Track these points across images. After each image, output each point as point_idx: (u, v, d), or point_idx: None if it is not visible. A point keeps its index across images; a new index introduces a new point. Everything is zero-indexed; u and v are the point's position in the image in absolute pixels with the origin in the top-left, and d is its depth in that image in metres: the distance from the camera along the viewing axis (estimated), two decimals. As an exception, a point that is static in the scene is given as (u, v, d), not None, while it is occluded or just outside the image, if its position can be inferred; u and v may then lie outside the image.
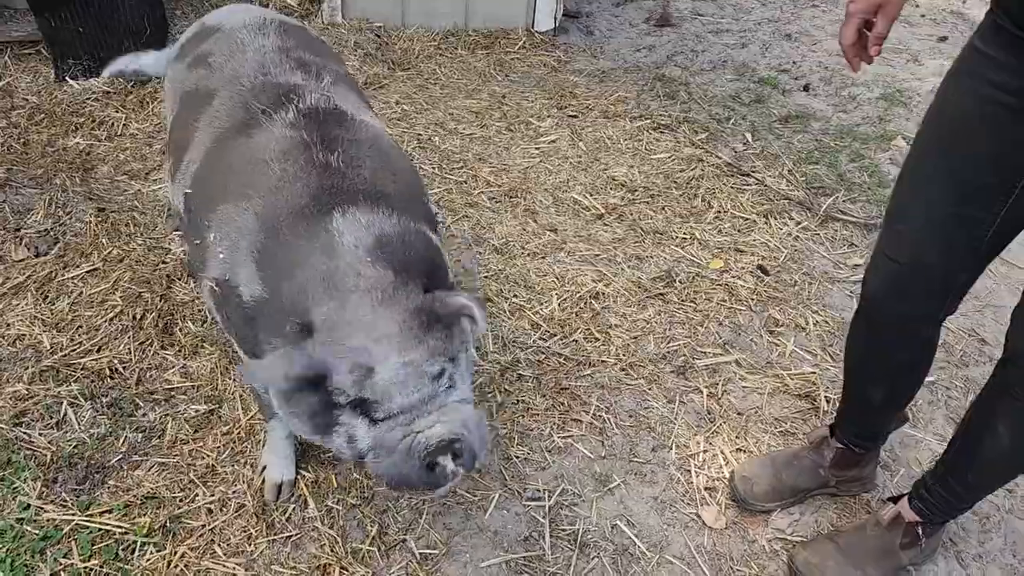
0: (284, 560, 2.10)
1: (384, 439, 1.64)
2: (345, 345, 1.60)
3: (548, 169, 3.60)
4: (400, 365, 1.61)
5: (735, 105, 4.22)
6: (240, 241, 1.79)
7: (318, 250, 1.68)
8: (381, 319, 1.62)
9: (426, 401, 1.65)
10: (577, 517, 2.29)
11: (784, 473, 2.34)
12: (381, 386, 1.61)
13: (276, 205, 1.78)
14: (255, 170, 1.86)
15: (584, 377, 2.69)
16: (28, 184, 3.18)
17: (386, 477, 1.65)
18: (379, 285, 1.65)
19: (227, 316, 1.88)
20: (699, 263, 3.20)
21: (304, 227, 1.72)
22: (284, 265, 1.71)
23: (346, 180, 1.82)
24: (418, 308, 1.66)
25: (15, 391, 2.42)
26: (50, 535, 2.08)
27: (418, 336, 1.64)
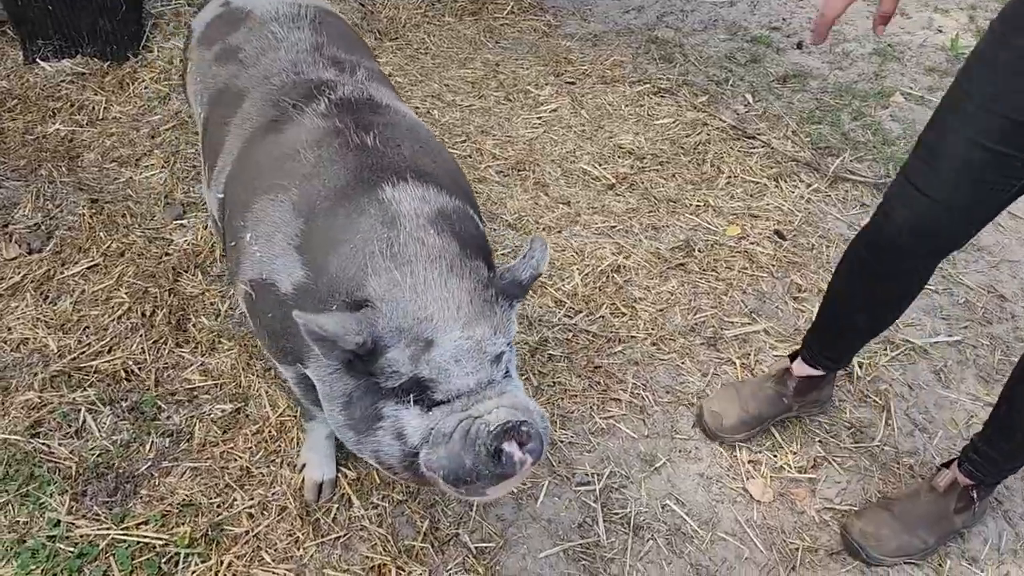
0: (336, 563, 2.01)
1: (440, 426, 1.47)
2: (405, 315, 1.46)
3: (553, 139, 3.50)
4: (463, 340, 1.47)
5: (731, 66, 4.15)
6: (275, 234, 1.67)
7: (373, 219, 1.56)
8: (447, 288, 1.49)
9: (485, 385, 1.51)
10: (627, 499, 2.24)
11: (750, 404, 2.39)
12: (440, 362, 1.46)
13: (312, 191, 1.66)
14: (286, 162, 1.75)
15: (616, 354, 2.63)
16: (11, 176, 2.98)
17: (443, 471, 1.45)
18: (445, 255, 1.53)
19: (261, 322, 1.76)
20: (716, 230, 3.14)
21: (349, 204, 1.61)
22: (330, 242, 1.58)
23: (386, 159, 1.71)
24: (486, 282, 1.54)
25: (26, 400, 2.28)
26: (85, 552, 1.96)
27: (482, 311, 1.51)
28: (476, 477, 1.44)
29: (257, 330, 1.84)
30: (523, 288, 1.59)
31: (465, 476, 1.45)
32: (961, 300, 2.94)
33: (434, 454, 1.47)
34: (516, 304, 1.60)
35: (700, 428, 2.44)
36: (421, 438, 1.49)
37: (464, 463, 1.43)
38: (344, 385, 1.58)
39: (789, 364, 2.41)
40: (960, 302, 2.92)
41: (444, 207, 1.64)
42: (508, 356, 1.56)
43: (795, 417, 2.48)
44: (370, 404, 1.53)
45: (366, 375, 1.51)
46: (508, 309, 1.57)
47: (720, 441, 2.40)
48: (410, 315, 1.46)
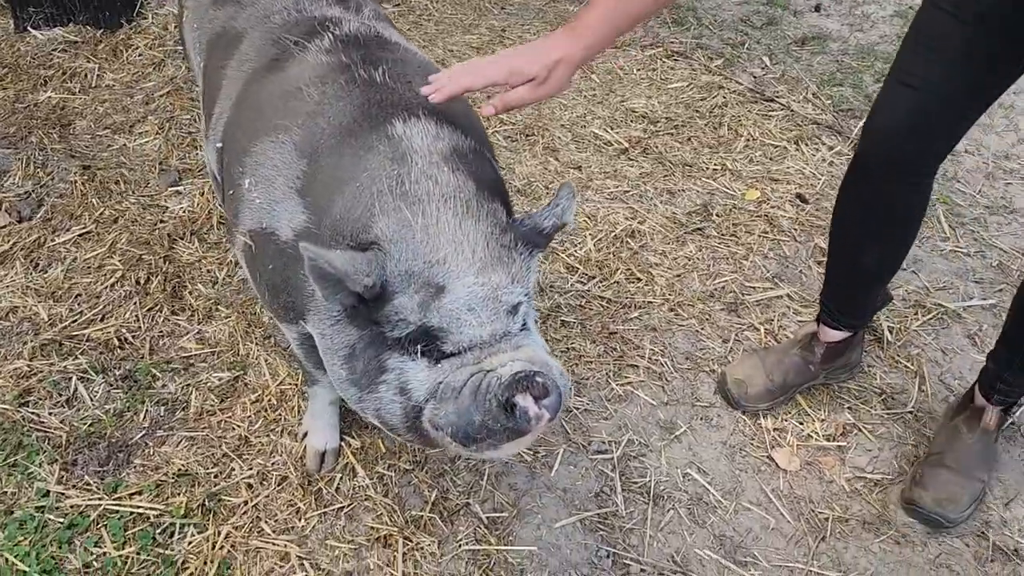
0: (340, 534, 1.90)
1: (449, 380, 1.34)
2: (415, 257, 1.33)
3: (562, 104, 3.37)
4: (477, 286, 1.34)
5: (747, 29, 4.01)
6: (276, 178, 1.56)
7: (381, 156, 1.44)
8: (462, 229, 1.36)
9: (499, 337, 1.37)
10: (647, 468, 2.12)
11: (775, 373, 2.28)
12: (451, 310, 1.33)
13: (316, 129, 1.55)
14: (289, 101, 1.63)
15: (632, 320, 2.51)
16: (1, 144, 2.88)
17: (452, 427, 1.33)
18: (460, 194, 1.40)
19: (261, 276, 1.64)
20: (734, 194, 3.01)
21: (356, 142, 1.49)
22: (334, 182, 1.46)
23: (396, 94, 1.59)
24: (504, 226, 1.41)
25: (15, 368, 2.17)
26: (76, 523, 1.86)
27: (500, 256, 1.38)
28: (487, 434, 1.32)
29: (257, 286, 1.72)
30: (545, 236, 1.47)
31: (475, 433, 1.32)
32: (995, 263, 2.80)
33: (441, 410, 1.34)
34: (537, 253, 1.47)
35: (722, 396, 2.32)
36: (427, 393, 1.37)
37: (473, 419, 1.31)
38: (347, 336, 1.46)
39: (816, 329, 2.28)
40: (993, 264, 2.79)
41: (459, 145, 1.52)
42: (526, 308, 1.43)
43: (822, 384, 2.35)
44: (374, 356, 1.41)
45: (370, 324, 1.39)
46: (528, 257, 1.44)
47: (743, 410, 2.28)
48: (421, 258, 1.34)
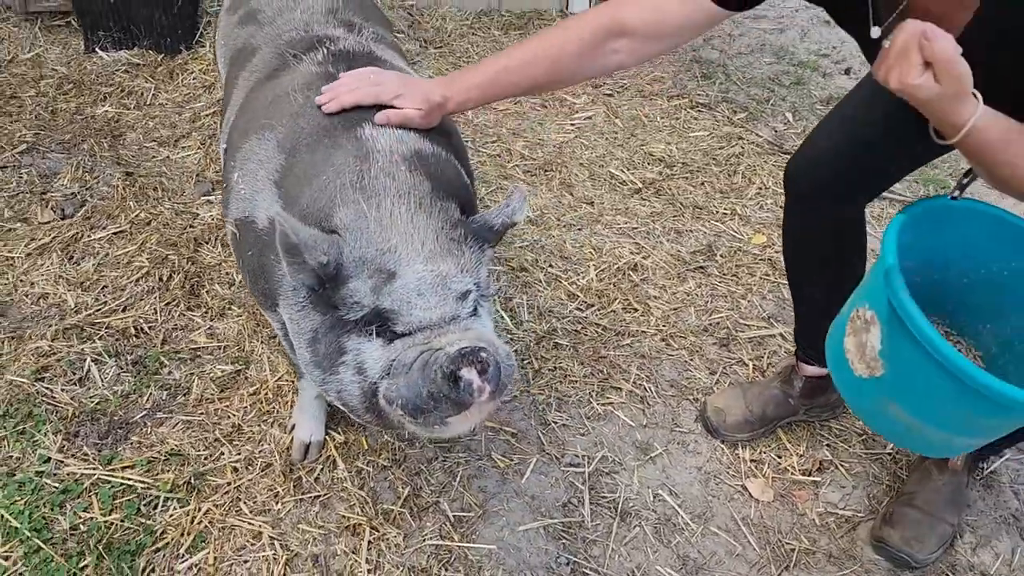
0: (312, 519, 2.00)
1: (400, 358, 1.45)
2: (369, 245, 1.46)
3: (584, 144, 3.51)
4: (426, 273, 1.46)
5: (774, 87, 4.11)
6: (259, 171, 1.72)
7: (347, 153, 1.58)
8: (413, 223, 1.49)
9: (448, 320, 1.48)
10: (618, 485, 2.17)
11: (755, 404, 2.32)
12: (402, 294, 1.45)
13: (297, 127, 1.70)
14: (278, 103, 1.79)
15: (623, 347, 2.58)
16: (55, 149, 3.13)
17: (401, 399, 1.42)
18: (415, 191, 1.53)
19: (244, 263, 1.79)
20: (740, 238, 3.08)
21: (329, 140, 1.64)
22: (305, 175, 1.61)
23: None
24: (454, 222, 1.54)
25: (37, 347, 2.35)
26: (70, 489, 2.00)
27: (449, 248, 1.50)
28: (433, 406, 1.40)
29: (242, 273, 1.86)
30: (494, 233, 1.58)
31: (423, 405, 1.40)
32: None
33: (393, 384, 1.44)
34: (487, 248, 1.59)
35: (702, 424, 2.37)
36: (382, 371, 1.47)
37: (421, 391, 1.40)
38: (311, 321, 1.58)
39: (794, 363, 2.33)
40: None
41: (422, 149, 1.65)
42: (476, 296, 1.54)
43: (804, 421, 2.39)
44: (334, 339, 1.53)
45: (331, 310, 1.51)
46: (478, 251, 1.56)
47: (722, 439, 2.33)
48: (374, 246, 1.47)
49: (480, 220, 1.57)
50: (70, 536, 1.90)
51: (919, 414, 1.53)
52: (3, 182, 2.93)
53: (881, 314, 1.52)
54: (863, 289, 1.64)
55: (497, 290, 1.65)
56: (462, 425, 1.49)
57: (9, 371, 2.27)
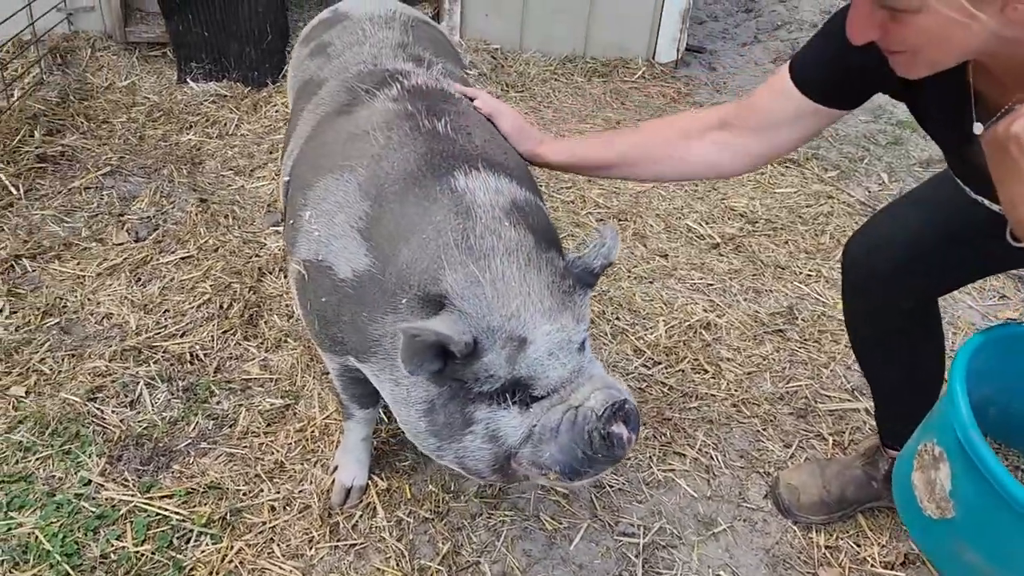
0: (345, 569, 1.90)
1: (544, 422, 1.42)
2: (491, 313, 1.40)
3: (661, 195, 3.39)
4: (553, 332, 1.42)
5: (869, 145, 3.91)
6: (337, 215, 1.63)
7: (446, 209, 1.51)
8: (529, 283, 1.43)
9: (577, 374, 1.46)
10: (675, 561, 2.00)
11: (833, 484, 2.12)
12: (536, 359, 1.41)
13: (381, 172, 1.62)
14: (355, 142, 1.73)
15: (690, 410, 2.42)
16: (137, 173, 3.18)
17: (559, 465, 1.42)
18: (522, 247, 1.47)
19: (312, 306, 1.71)
20: (826, 302, 2.89)
21: (420, 190, 1.56)
22: (399, 231, 1.53)
23: (458, 146, 1.67)
24: (562, 272, 1.49)
25: (95, 367, 2.34)
26: (106, 515, 1.95)
27: (563, 302, 1.45)
28: (589, 464, 1.42)
29: (305, 314, 1.78)
30: (595, 276, 1.55)
31: (580, 467, 1.42)
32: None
33: (544, 451, 1.42)
34: (589, 292, 1.55)
35: (773, 501, 2.18)
36: (521, 438, 1.44)
37: (577, 454, 1.40)
38: (425, 392, 1.51)
39: (879, 443, 2.13)
40: None
41: (517, 198, 1.59)
42: (588, 340, 1.53)
43: (887, 508, 2.17)
44: (458, 410, 1.47)
45: (452, 380, 1.45)
46: (584, 296, 1.52)
47: (794, 520, 2.13)
48: (496, 313, 1.40)
49: (581, 264, 1.52)
50: (99, 564, 1.84)
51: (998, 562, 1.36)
52: (85, 202, 2.99)
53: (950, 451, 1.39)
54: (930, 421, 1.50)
55: None
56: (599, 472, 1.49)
57: (65, 389, 2.26)
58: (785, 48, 4.95)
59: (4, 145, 3.10)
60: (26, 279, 2.64)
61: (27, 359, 2.34)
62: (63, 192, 3.02)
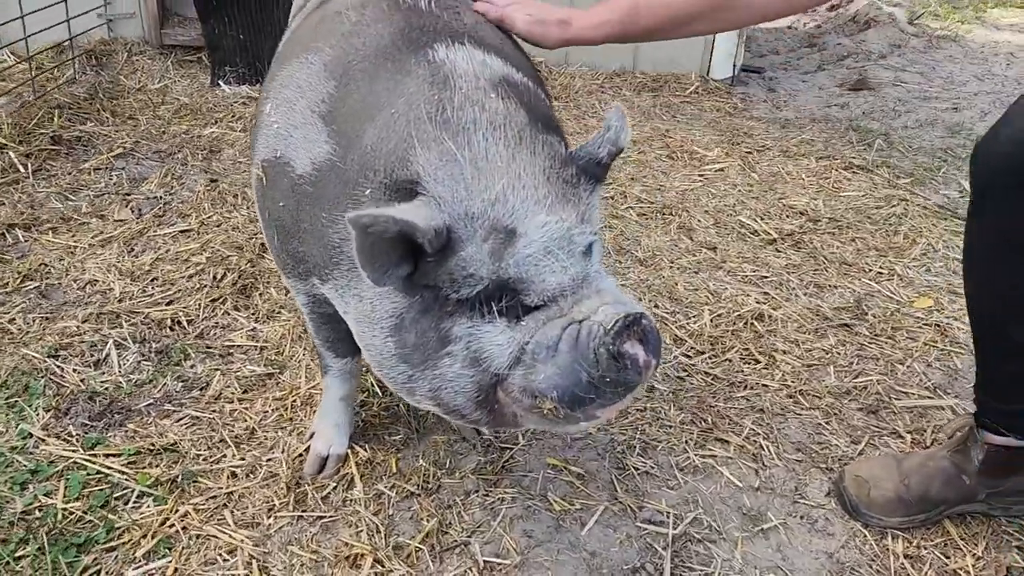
0: (306, 542, 1.57)
1: (539, 339, 1.12)
2: (470, 196, 1.13)
3: (712, 193, 3.08)
4: (553, 224, 1.14)
5: (947, 157, 3.55)
6: (298, 101, 1.39)
7: (420, 80, 1.25)
8: (520, 164, 1.16)
9: (580, 283, 1.16)
10: (713, 558, 1.62)
11: (913, 478, 1.70)
12: (529, 257, 1.12)
13: (350, 49, 1.38)
14: (325, 23, 1.51)
15: (736, 399, 2.06)
16: (151, 157, 3.04)
17: (558, 390, 1.11)
18: (511, 122, 1.19)
19: (270, 215, 1.45)
20: (899, 300, 2.51)
21: (393, 65, 1.31)
22: (365, 109, 1.28)
23: (441, 22, 1.42)
24: (564, 158, 1.21)
25: (64, 327, 2.11)
26: (40, 469, 1.68)
27: (564, 193, 1.17)
28: (596, 392, 1.11)
29: (266, 228, 1.52)
30: (603, 167, 1.26)
31: (584, 393, 1.11)
32: None
33: (539, 374, 1.12)
34: (598, 188, 1.25)
35: (837, 499, 1.78)
36: (510, 359, 1.14)
37: (581, 377, 1.10)
38: (392, 305, 1.22)
39: (972, 424, 1.72)
40: None
41: (510, 76, 1.33)
42: (598, 248, 1.22)
43: (983, 514, 1.75)
44: (432, 325, 1.18)
45: (423, 289, 1.17)
46: (592, 192, 1.23)
47: (864, 521, 1.73)
48: (477, 196, 1.13)
49: (585, 154, 1.24)
50: (19, 520, 1.56)
51: None
52: (92, 182, 2.84)
53: None
54: None
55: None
56: (613, 412, 1.19)
57: (27, 347, 2.03)
58: (851, 75, 4.66)
59: (20, 127, 2.99)
60: (16, 248, 2.46)
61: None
62: (72, 173, 2.87)
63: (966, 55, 5.25)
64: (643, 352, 1.11)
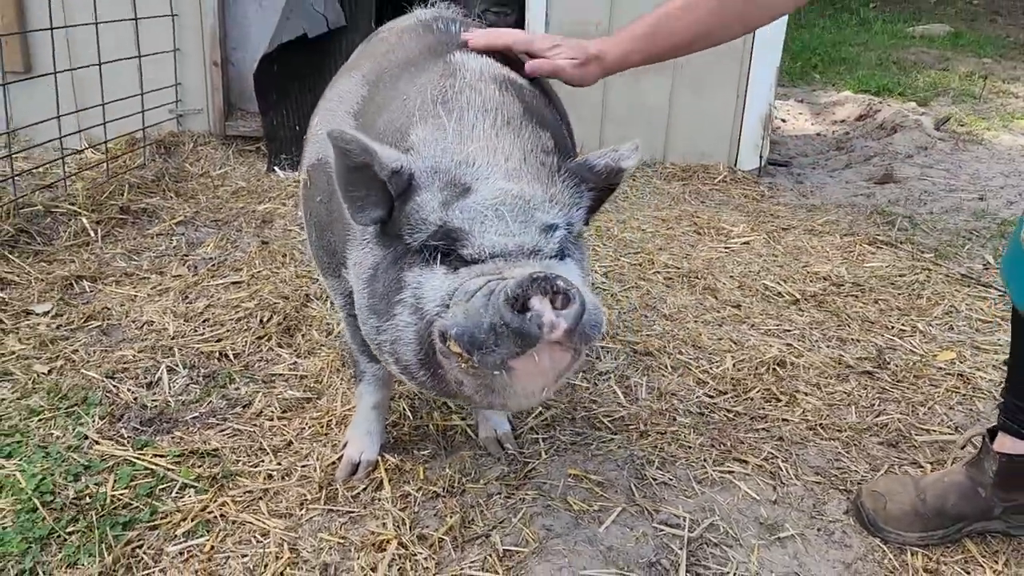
0: (335, 530, 1.65)
1: (464, 286, 1.17)
2: (444, 156, 1.26)
3: (736, 261, 3.19)
4: (505, 191, 1.23)
5: (972, 236, 3.63)
6: (339, 108, 1.62)
7: (432, 73, 1.44)
8: (498, 137, 1.29)
9: (528, 253, 1.21)
10: (729, 560, 1.65)
11: (929, 493, 1.73)
12: (475, 211, 1.21)
13: (385, 62, 1.62)
14: (368, 48, 1.78)
15: (757, 431, 2.11)
16: (208, 225, 3.27)
17: (457, 328, 1.14)
18: (504, 107, 1.35)
19: (310, 215, 1.65)
20: (921, 354, 2.55)
21: (415, 68, 1.52)
22: (385, 102, 1.48)
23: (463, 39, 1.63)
24: (547, 148, 1.33)
25: (122, 355, 2.27)
26: (93, 465, 1.80)
27: (537, 172, 1.28)
28: (495, 339, 1.11)
29: (307, 230, 1.73)
30: (595, 174, 1.35)
31: (480, 336, 1.11)
32: None
33: (450, 313, 1.17)
34: (584, 188, 1.34)
35: (855, 516, 1.80)
36: (440, 303, 1.20)
37: (482, 320, 1.12)
38: (372, 257, 1.36)
39: (985, 435, 1.76)
40: None
41: (517, 81, 1.50)
42: (565, 237, 1.29)
43: (1002, 533, 1.76)
44: (395, 275, 1.29)
45: (395, 240, 1.31)
46: (574, 188, 1.32)
47: (883, 537, 1.75)
48: (449, 156, 1.27)
49: (581, 160, 1.35)
50: (71, 504, 1.67)
51: None
52: (154, 245, 3.07)
53: None
54: None
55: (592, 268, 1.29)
56: (529, 378, 1.17)
57: (88, 370, 2.18)
58: (877, 171, 4.81)
59: (93, 198, 3.27)
60: (82, 296, 2.66)
61: (62, 349, 2.30)
62: (137, 238, 3.11)
63: (993, 156, 5.38)
64: (550, 311, 1.10)
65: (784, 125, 5.83)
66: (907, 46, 8.91)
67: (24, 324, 2.40)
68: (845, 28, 10.01)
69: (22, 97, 3.61)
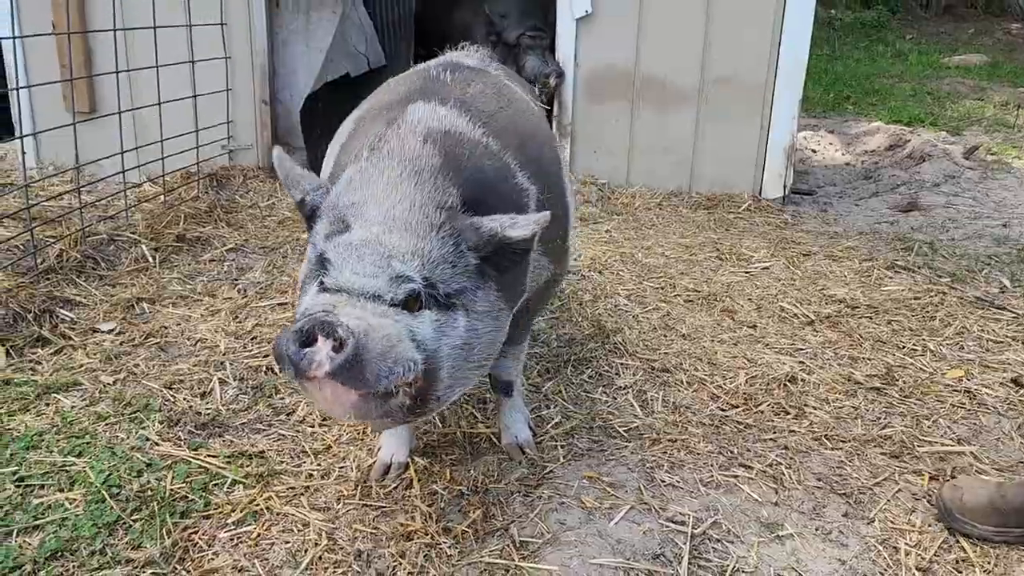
0: (368, 522, 1.82)
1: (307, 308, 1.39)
2: (345, 195, 1.48)
3: (755, 285, 3.32)
4: (372, 237, 1.40)
5: (991, 261, 3.71)
6: (336, 140, 1.88)
7: (385, 120, 1.64)
8: (396, 189, 1.45)
9: (368, 296, 1.37)
10: (730, 554, 1.78)
11: (1011, 491, 1.79)
12: (343, 248, 1.41)
13: (375, 104, 1.85)
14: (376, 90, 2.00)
15: (765, 441, 2.24)
16: (257, 251, 3.50)
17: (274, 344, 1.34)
18: (418, 159, 1.49)
19: None
20: (930, 371, 2.66)
21: (388, 113, 1.70)
22: (355, 141, 1.71)
23: (446, 88, 1.77)
24: (442, 205, 1.45)
25: (178, 368, 2.48)
26: (154, 463, 2.00)
27: (416, 227, 1.41)
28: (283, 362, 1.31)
29: None
30: (478, 235, 1.45)
31: (278, 355, 1.32)
32: None
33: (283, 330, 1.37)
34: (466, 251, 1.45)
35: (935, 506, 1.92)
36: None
37: (281, 342, 1.31)
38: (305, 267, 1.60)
39: None
40: None
41: (458, 132, 1.58)
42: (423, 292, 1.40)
43: None
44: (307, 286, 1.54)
45: None
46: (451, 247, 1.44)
47: (959, 529, 1.84)
48: (348, 196, 1.48)
49: (474, 220, 1.46)
50: (134, 496, 1.87)
51: None
52: (207, 270, 3.30)
53: None
54: None
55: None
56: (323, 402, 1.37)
57: (148, 379, 2.40)
58: (903, 200, 4.91)
59: (152, 227, 3.53)
60: (142, 316, 2.89)
61: (125, 363, 2.52)
62: (191, 264, 3.35)
63: (1021, 184, 5.44)
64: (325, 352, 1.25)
65: (814, 155, 5.95)
66: (942, 76, 8.96)
67: (91, 341, 2.63)
68: (880, 59, 10.08)
69: (87, 135, 3.91)
